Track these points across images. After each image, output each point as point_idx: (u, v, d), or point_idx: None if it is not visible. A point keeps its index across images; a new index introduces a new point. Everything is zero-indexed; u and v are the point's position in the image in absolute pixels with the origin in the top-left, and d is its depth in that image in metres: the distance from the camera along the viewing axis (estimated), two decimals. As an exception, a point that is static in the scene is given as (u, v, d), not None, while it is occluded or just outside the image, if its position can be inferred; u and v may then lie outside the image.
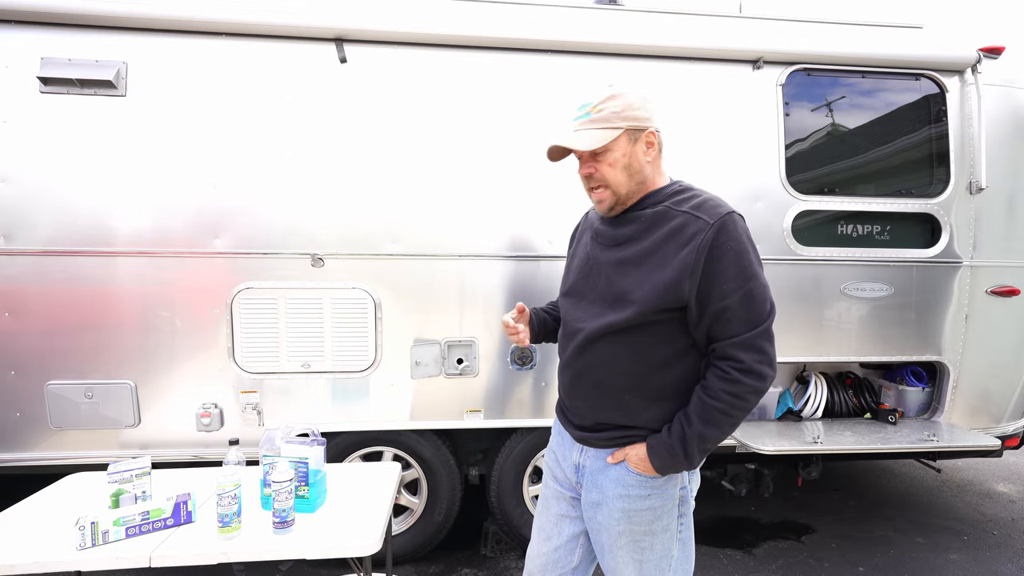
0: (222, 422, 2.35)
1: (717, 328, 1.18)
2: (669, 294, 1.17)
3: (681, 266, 1.16)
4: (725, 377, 1.17)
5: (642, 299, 1.19)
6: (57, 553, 1.45)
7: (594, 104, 1.22)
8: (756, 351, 1.17)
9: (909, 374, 2.71)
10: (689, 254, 1.16)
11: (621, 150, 1.22)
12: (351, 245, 2.34)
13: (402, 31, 2.30)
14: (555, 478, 1.45)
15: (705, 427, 1.18)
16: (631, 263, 1.24)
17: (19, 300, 2.22)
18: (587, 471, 1.34)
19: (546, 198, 2.40)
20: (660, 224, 1.23)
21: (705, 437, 1.19)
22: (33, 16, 2.16)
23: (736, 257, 1.16)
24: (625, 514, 1.28)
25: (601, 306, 1.27)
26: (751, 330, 1.17)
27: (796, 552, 2.83)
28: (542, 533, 1.46)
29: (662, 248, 1.20)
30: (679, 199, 1.24)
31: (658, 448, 1.23)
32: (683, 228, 1.19)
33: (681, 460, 1.21)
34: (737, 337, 1.17)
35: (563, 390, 1.41)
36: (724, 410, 1.17)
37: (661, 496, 1.28)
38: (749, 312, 1.17)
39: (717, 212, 1.18)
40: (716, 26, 2.49)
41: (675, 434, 1.21)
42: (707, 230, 1.15)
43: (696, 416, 1.19)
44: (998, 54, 2.55)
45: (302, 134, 2.30)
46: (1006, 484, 3.70)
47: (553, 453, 1.47)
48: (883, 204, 2.57)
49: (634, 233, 1.26)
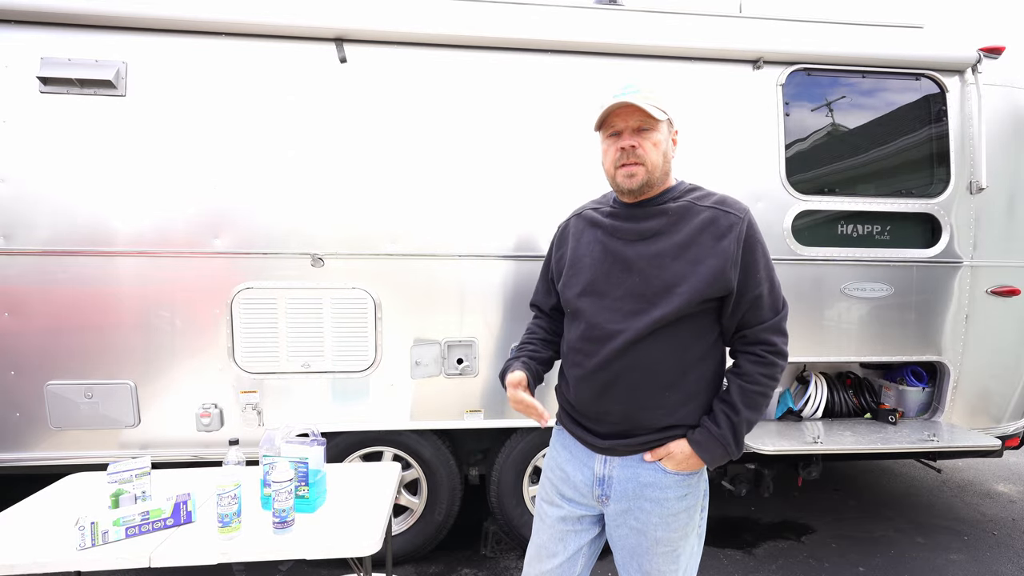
0: (222, 422, 2.35)
1: (750, 315, 1.25)
2: (718, 282, 1.21)
3: (724, 255, 1.21)
4: (761, 360, 1.25)
5: (689, 290, 1.20)
6: (57, 553, 1.45)
7: (643, 86, 1.24)
8: (783, 333, 1.28)
9: (909, 374, 2.71)
10: (730, 244, 1.21)
11: (663, 134, 1.27)
12: (351, 245, 2.34)
13: (402, 31, 2.30)
14: (561, 495, 1.38)
15: (750, 412, 1.24)
16: (668, 255, 1.24)
17: (19, 300, 2.22)
18: (615, 481, 1.29)
19: (546, 198, 2.39)
20: (688, 218, 1.26)
21: (751, 422, 1.25)
22: (33, 16, 2.16)
23: (763, 249, 1.26)
24: (663, 520, 1.27)
25: (639, 302, 1.23)
26: (776, 315, 1.27)
27: (796, 552, 2.83)
28: (544, 551, 1.39)
29: (697, 240, 1.23)
30: (697, 195, 1.29)
31: (706, 442, 1.24)
32: (715, 221, 1.23)
33: (732, 449, 1.24)
34: (768, 322, 1.26)
35: (585, 399, 1.31)
36: (763, 392, 1.25)
37: (695, 494, 1.31)
38: (774, 299, 1.27)
39: (741, 207, 1.26)
40: (716, 26, 2.49)
41: (724, 424, 1.23)
42: (740, 223, 1.23)
43: (740, 403, 1.23)
44: (998, 54, 2.55)
45: (302, 134, 2.30)
46: (1006, 484, 3.70)
47: (560, 470, 1.38)
48: (883, 204, 2.57)
49: (663, 227, 1.27)
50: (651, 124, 1.24)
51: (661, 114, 1.23)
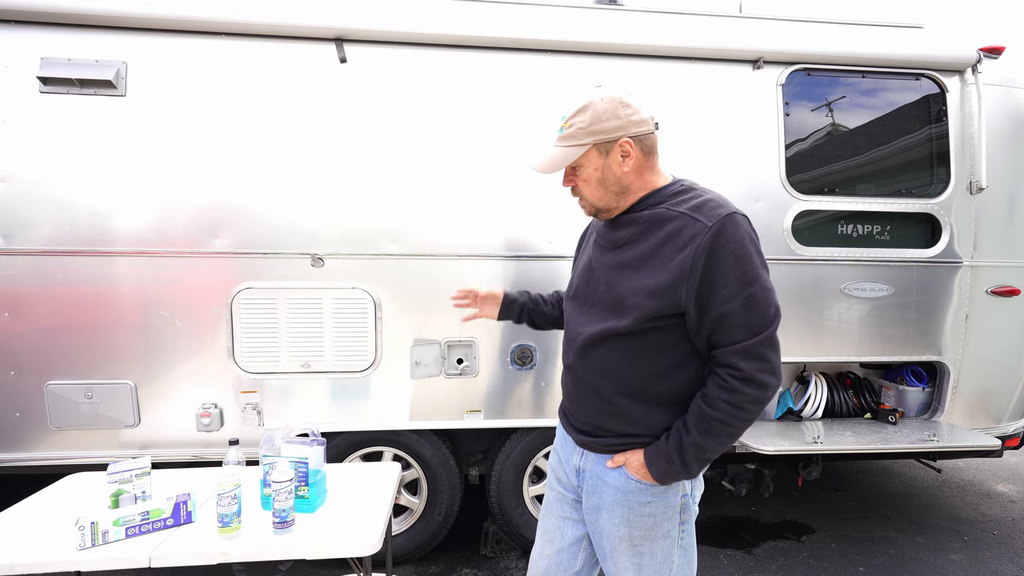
0: (222, 422, 2.35)
1: (718, 335, 1.14)
2: (664, 300, 1.13)
3: (677, 270, 1.12)
4: (724, 386, 1.13)
5: (638, 304, 1.16)
6: (57, 553, 1.45)
7: (566, 119, 1.22)
8: (757, 359, 1.12)
9: (909, 374, 2.71)
10: (686, 258, 1.11)
11: (592, 165, 1.21)
12: (351, 245, 2.34)
13: (402, 31, 2.30)
14: (559, 480, 1.44)
15: (703, 437, 1.14)
16: (630, 267, 1.21)
17: (19, 300, 2.22)
18: (588, 475, 1.33)
19: (546, 198, 2.39)
20: (658, 226, 1.19)
21: (703, 447, 1.15)
22: (33, 16, 2.16)
23: (736, 261, 1.10)
24: (625, 519, 1.26)
25: (601, 311, 1.25)
26: (752, 337, 1.11)
27: (796, 552, 2.83)
28: (545, 535, 1.45)
29: (659, 252, 1.16)
30: (678, 200, 1.20)
31: (655, 456, 1.20)
32: (680, 231, 1.14)
33: (679, 469, 1.18)
34: (738, 344, 1.12)
35: (565, 394, 1.40)
36: (723, 420, 1.13)
37: (662, 503, 1.25)
38: (751, 318, 1.11)
39: (716, 214, 1.12)
40: (716, 26, 2.49)
41: (672, 443, 1.18)
42: (704, 233, 1.11)
43: (694, 425, 1.16)
44: (998, 54, 2.55)
45: (302, 134, 2.30)
46: (1006, 484, 3.70)
47: (557, 455, 1.46)
48: (883, 204, 2.57)
49: (632, 236, 1.23)
50: (578, 162, 1.22)
51: (575, 151, 1.19)
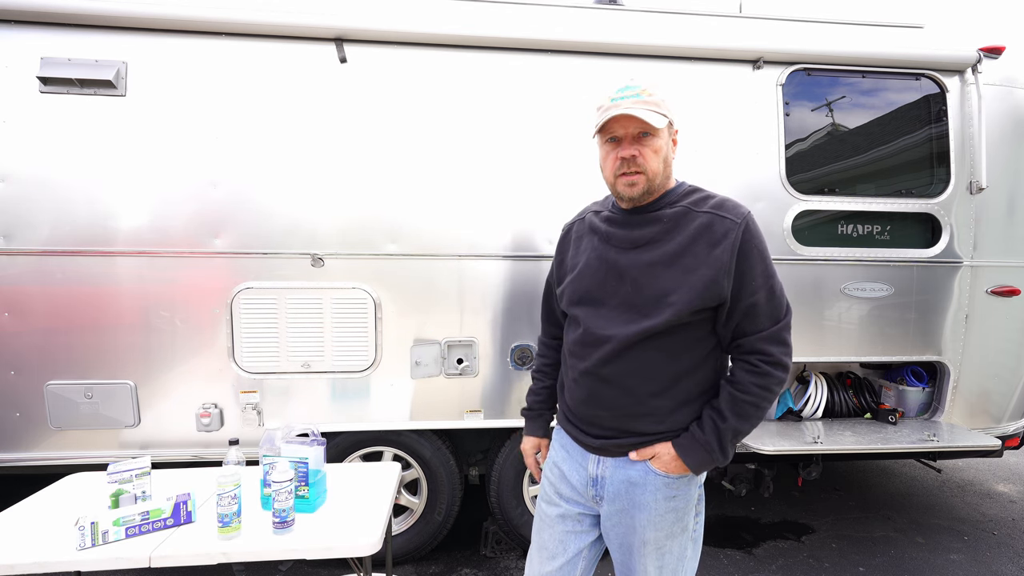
0: (222, 422, 2.35)
1: (745, 324, 1.22)
2: (709, 293, 1.18)
3: (717, 264, 1.18)
4: (755, 371, 1.21)
5: (680, 300, 1.18)
6: (57, 553, 1.45)
7: (642, 88, 1.20)
8: (781, 343, 1.23)
9: (909, 374, 2.71)
10: (723, 252, 1.18)
11: (663, 139, 1.23)
12: (351, 245, 2.34)
13: (402, 31, 2.30)
14: (560, 495, 1.38)
15: (738, 421, 1.21)
16: (661, 264, 1.22)
17: (19, 300, 2.22)
18: (607, 481, 1.30)
19: (546, 198, 2.40)
20: (684, 224, 1.22)
21: (738, 431, 1.22)
22: (33, 16, 2.16)
23: (761, 255, 1.21)
24: (651, 521, 1.27)
25: (630, 312, 1.24)
26: (775, 324, 1.22)
27: (796, 552, 2.83)
28: (545, 552, 1.39)
29: (691, 248, 1.20)
30: (696, 199, 1.25)
31: (690, 446, 1.23)
32: (710, 227, 1.20)
33: (717, 455, 1.22)
34: (764, 331, 1.21)
35: (578, 401, 1.33)
36: (755, 403, 1.21)
37: (685, 497, 1.29)
38: (772, 307, 1.22)
39: (740, 211, 1.22)
40: (716, 26, 2.49)
41: (709, 431, 1.22)
42: (736, 229, 1.19)
43: (728, 411, 1.21)
44: (998, 54, 2.55)
45: (302, 134, 2.30)
46: (1006, 484, 3.70)
47: (558, 469, 1.40)
48: (883, 204, 2.57)
49: (657, 234, 1.24)
50: (652, 131, 1.20)
51: (661, 119, 1.18)
